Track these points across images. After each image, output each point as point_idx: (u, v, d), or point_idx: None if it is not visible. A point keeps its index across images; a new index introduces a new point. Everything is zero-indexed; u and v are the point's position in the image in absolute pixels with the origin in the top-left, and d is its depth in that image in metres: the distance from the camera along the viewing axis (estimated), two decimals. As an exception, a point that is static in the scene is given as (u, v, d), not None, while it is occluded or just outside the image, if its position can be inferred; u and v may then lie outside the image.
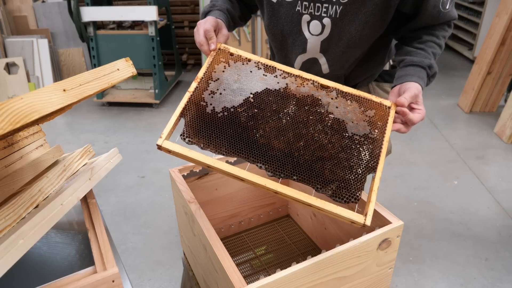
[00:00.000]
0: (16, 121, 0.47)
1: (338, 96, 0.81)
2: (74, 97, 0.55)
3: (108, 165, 0.83)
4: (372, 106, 0.82)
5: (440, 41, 0.95)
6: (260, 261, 1.12)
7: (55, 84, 0.53)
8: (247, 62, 0.84)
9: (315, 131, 0.75)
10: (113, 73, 0.64)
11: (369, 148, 0.75)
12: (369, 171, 0.73)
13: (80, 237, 0.84)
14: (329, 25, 0.92)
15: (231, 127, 0.75)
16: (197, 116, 0.76)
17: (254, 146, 0.73)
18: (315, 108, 0.78)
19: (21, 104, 0.48)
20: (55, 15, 3.78)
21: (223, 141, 0.74)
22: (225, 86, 0.79)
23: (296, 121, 0.76)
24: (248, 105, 0.77)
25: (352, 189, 0.70)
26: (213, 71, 0.82)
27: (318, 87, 0.83)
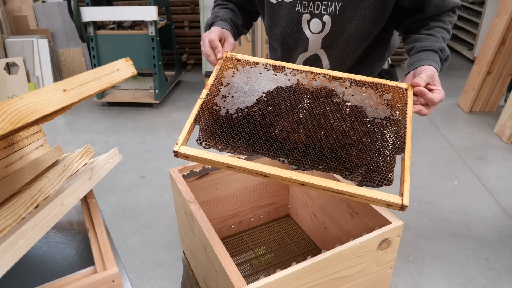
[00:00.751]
0: (16, 121, 0.47)
1: (352, 85, 0.80)
2: (74, 97, 0.55)
3: (108, 165, 0.83)
4: (388, 90, 0.80)
5: (448, 26, 0.93)
6: (260, 261, 1.12)
7: (55, 84, 0.53)
8: (255, 65, 0.84)
9: (334, 120, 0.74)
10: (113, 73, 0.64)
11: (393, 130, 0.73)
12: (398, 152, 0.70)
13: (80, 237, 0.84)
14: (329, 22, 0.93)
15: (247, 126, 0.74)
16: (212, 119, 0.77)
17: (274, 141, 0.72)
18: (330, 99, 0.77)
19: (21, 104, 0.48)
20: (55, 15, 3.78)
21: (240, 140, 0.74)
22: (236, 89, 0.80)
23: (313, 113, 0.75)
24: (262, 104, 0.77)
25: (383, 171, 0.68)
26: (223, 77, 0.82)
27: (330, 79, 0.81)
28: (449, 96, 3.57)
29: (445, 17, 0.94)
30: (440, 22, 0.93)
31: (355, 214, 0.92)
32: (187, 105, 3.52)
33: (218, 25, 0.97)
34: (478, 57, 3.14)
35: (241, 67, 0.84)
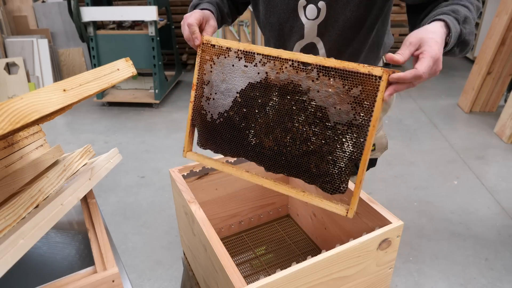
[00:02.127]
0: (16, 121, 0.47)
1: (319, 75, 0.73)
2: (74, 97, 0.56)
3: (108, 165, 0.83)
4: (358, 80, 0.69)
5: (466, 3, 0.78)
6: (260, 261, 1.12)
7: (55, 84, 0.53)
8: (228, 54, 0.82)
9: (299, 123, 0.75)
10: (113, 73, 0.64)
11: (353, 138, 0.71)
12: (353, 162, 0.72)
13: (80, 237, 0.84)
14: (324, 8, 0.93)
15: (228, 131, 0.84)
16: (203, 125, 0.87)
17: (249, 147, 0.82)
18: (296, 96, 0.75)
19: (21, 104, 0.48)
20: (55, 15, 3.78)
21: (225, 145, 0.85)
22: (216, 89, 0.84)
23: (281, 113, 0.77)
24: (237, 106, 0.82)
25: (336, 183, 0.73)
26: (204, 73, 0.86)
27: (298, 68, 0.75)
28: (449, 96, 3.57)
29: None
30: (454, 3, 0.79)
31: (355, 214, 0.92)
32: (187, 105, 3.52)
33: (202, 7, 0.95)
34: (478, 57, 3.14)
35: (216, 58, 0.84)
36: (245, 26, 3.26)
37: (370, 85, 0.68)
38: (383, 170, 2.47)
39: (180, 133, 3.01)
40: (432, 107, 3.36)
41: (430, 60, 0.65)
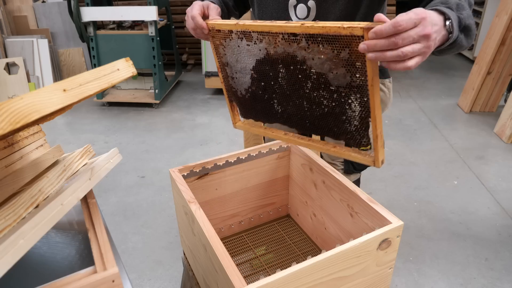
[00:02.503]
0: (16, 121, 0.47)
1: (309, 44, 0.72)
2: (74, 97, 0.55)
3: (108, 165, 0.83)
4: (344, 43, 0.67)
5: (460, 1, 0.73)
6: (260, 261, 1.12)
7: (55, 84, 0.53)
8: (231, 37, 0.85)
9: (309, 89, 0.78)
10: (113, 73, 0.64)
11: (357, 98, 0.71)
12: (366, 119, 0.72)
13: (80, 237, 0.84)
14: (314, 7, 0.94)
15: (257, 103, 0.92)
16: (237, 100, 0.97)
17: (278, 115, 0.90)
18: (297, 65, 0.76)
19: (21, 104, 0.48)
20: (55, 15, 3.78)
21: (260, 115, 0.94)
22: (234, 69, 0.91)
23: (291, 82, 0.81)
24: (256, 82, 0.88)
25: (357, 139, 0.77)
26: (221, 57, 0.92)
27: (289, 40, 0.75)
28: (449, 96, 3.57)
29: None
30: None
31: (355, 214, 0.92)
32: (187, 105, 3.52)
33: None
34: (478, 57, 3.14)
35: (224, 41, 0.88)
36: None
37: (355, 46, 0.65)
38: (383, 170, 2.47)
39: (180, 133, 3.01)
40: (432, 107, 3.36)
41: (412, 14, 0.59)
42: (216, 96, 3.70)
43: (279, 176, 1.21)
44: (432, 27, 0.61)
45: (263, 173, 1.18)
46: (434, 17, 0.63)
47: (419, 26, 0.59)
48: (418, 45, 0.60)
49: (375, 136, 0.72)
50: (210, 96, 3.71)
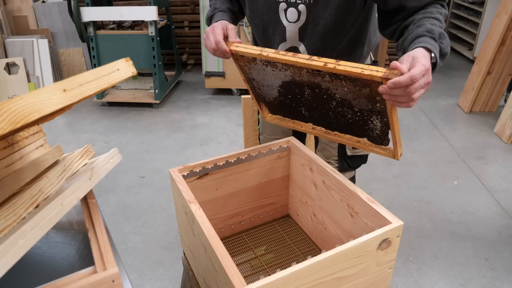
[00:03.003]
0: (16, 121, 0.47)
1: (332, 79, 0.81)
2: (74, 97, 0.55)
3: (108, 165, 0.83)
4: (365, 83, 0.76)
5: (436, 15, 0.85)
6: (260, 261, 1.12)
7: (55, 84, 0.53)
8: (255, 62, 0.92)
9: (334, 106, 0.88)
10: (113, 73, 0.64)
11: (378, 118, 0.83)
12: (384, 133, 0.85)
13: (80, 237, 0.84)
14: (304, 11, 0.95)
15: (286, 109, 1.01)
16: (266, 103, 1.06)
17: (306, 117, 1.00)
18: (322, 91, 0.86)
19: (21, 104, 0.48)
20: (55, 15, 3.78)
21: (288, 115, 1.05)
22: (261, 84, 0.98)
23: (317, 99, 0.90)
24: (283, 95, 0.97)
25: (378, 141, 0.88)
26: (246, 73, 0.98)
27: (313, 73, 0.83)
28: (449, 96, 3.57)
29: (431, 8, 0.87)
30: (427, 13, 0.85)
31: (355, 214, 0.92)
32: (187, 105, 3.52)
33: (217, 17, 1.03)
34: (478, 57, 3.14)
35: (249, 64, 0.95)
36: (245, 26, 3.26)
37: (375, 87, 0.75)
38: (383, 170, 2.47)
39: (180, 133, 3.01)
40: (432, 107, 3.36)
41: (422, 66, 0.70)
42: (216, 96, 3.70)
43: (279, 176, 1.21)
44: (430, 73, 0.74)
45: (263, 173, 1.18)
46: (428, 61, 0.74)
47: (425, 76, 0.71)
48: (423, 90, 0.73)
49: (394, 142, 0.84)
50: (210, 96, 3.71)
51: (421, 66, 0.70)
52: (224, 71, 3.48)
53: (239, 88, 3.63)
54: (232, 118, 3.24)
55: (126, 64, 0.67)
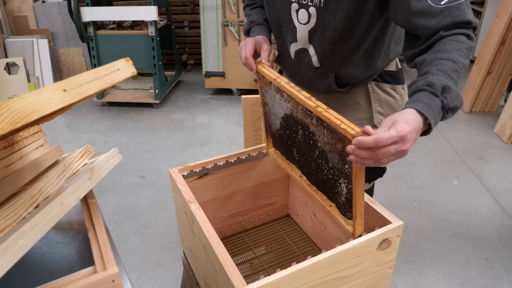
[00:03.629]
0: (16, 121, 0.47)
1: (317, 124, 0.81)
2: (74, 97, 0.55)
3: (108, 165, 0.83)
4: (340, 137, 0.74)
5: (452, 55, 0.73)
6: (260, 261, 1.12)
7: (55, 84, 0.53)
8: (271, 86, 0.97)
9: (316, 156, 0.88)
10: (113, 73, 0.64)
11: (344, 182, 0.80)
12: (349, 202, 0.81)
13: (80, 237, 0.84)
14: (314, 14, 0.94)
15: (284, 144, 1.04)
16: (271, 133, 1.09)
17: (295, 160, 1.01)
18: (310, 135, 0.87)
19: (21, 104, 0.48)
20: (55, 15, 3.78)
21: (284, 153, 1.06)
22: (270, 110, 1.03)
23: (306, 143, 0.91)
24: (283, 128, 1.00)
25: (343, 211, 0.85)
26: (263, 95, 1.04)
27: (306, 112, 0.85)
28: (449, 96, 3.57)
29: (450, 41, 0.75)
30: (441, 52, 0.75)
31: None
32: (187, 105, 3.52)
33: (254, 33, 1.07)
34: (478, 57, 3.14)
35: (266, 86, 1.00)
36: (245, 26, 3.28)
37: (347, 144, 0.71)
38: (383, 170, 2.47)
39: (180, 133, 3.01)
40: (432, 107, 3.36)
41: (394, 132, 0.64)
42: (216, 96, 3.70)
43: (279, 176, 1.21)
44: (410, 142, 0.66)
45: (263, 173, 1.18)
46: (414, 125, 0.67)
47: (397, 143, 0.64)
48: (394, 156, 0.66)
49: (355, 217, 0.80)
50: (210, 96, 3.71)
51: (394, 132, 0.64)
52: (224, 71, 3.48)
53: (239, 88, 3.63)
54: (232, 118, 3.24)
55: (126, 64, 0.67)
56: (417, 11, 0.79)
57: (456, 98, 0.71)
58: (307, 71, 1.07)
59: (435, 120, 0.69)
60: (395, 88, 1.11)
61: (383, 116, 1.10)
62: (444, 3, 0.77)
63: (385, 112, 1.10)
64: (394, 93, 1.11)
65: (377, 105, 1.10)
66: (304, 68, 1.07)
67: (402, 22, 0.84)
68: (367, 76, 1.06)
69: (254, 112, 1.82)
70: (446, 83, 0.70)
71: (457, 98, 0.71)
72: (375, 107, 1.10)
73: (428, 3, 0.78)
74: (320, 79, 1.06)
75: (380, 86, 1.09)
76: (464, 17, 0.76)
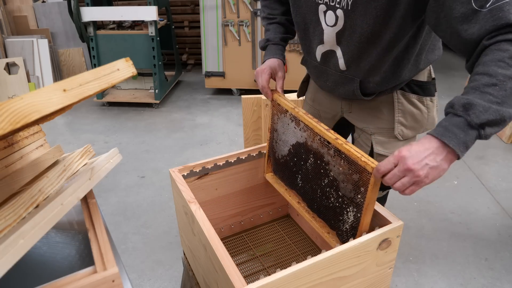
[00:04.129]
0: (16, 121, 0.47)
1: (335, 154, 0.88)
2: (74, 97, 0.55)
3: (108, 165, 0.83)
4: (358, 169, 0.80)
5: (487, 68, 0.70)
6: (260, 261, 1.12)
7: (55, 84, 0.53)
8: (286, 114, 1.03)
9: (324, 184, 0.93)
10: (113, 73, 0.64)
11: (353, 210, 0.85)
12: (353, 230, 0.85)
13: (80, 237, 0.84)
14: (342, 17, 0.91)
15: (286, 170, 1.07)
16: (274, 159, 1.13)
17: (298, 187, 1.05)
18: (322, 164, 0.93)
19: (21, 104, 0.48)
20: (55, 15, 3.78)
21: (285, 178, 1.10)
22: (280, 137, 1.08)
23: (315, 171, 0.96)
24: (291, 155, 1.04)
25: (345, 238, 0.89)
26: (274, 122, 1.09)
27: (323, 143, 0.91)
28: (449, 96, 3.56)
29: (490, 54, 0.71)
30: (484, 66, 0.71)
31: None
32: (187, 105, 3.52)
33: (270, 51, 1.11)
34: (478, 57, 3.13)
35: (280, 114, 1.06)
36: (245, 26, 3.26)
37: (365, 176, 0.79)
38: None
39: (180, 133, 3.01)
40: (432, 107, 3.36)
41: (390, 156, 0.72)
42: (216, 96, 3.70)
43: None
44: (413, 160, 0.70)
45: (263, 173, 1.18)
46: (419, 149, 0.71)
47: (399, 165, 0.71)
48: (406, 178, 0.71)
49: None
50: (210, 96, 3.71)
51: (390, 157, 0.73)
52: (224, 71, 3.48)
53: (239, 88, 3.63)
54: (232, 118, 3.24)
55: (126, 64, 0.67)
56: (459, 16, 0.73)
57: (485, 111, 0.67)
58: (333, 74, 1.03)
59: (457, 140, 0.69)
60: (422, 100, 1.05)
61: (405, 127, 1.06)
62: (489, 5, 0.70)
63: (408, 123, 1.06)
64: (421, 105, 1.05)
65: (400, 116, 1.05)
66: (330, 71, 1.04)
67: (443, 28, 0.78)
68: (393, 85, 1.01)
69: (254, 112, 1.82)
70: (467, 100, 0.69)
71: (488, 111, 0.67)
72: (398, 118, 1.05)
73: (472, 6, 0.71)
74: (345, 84, 1.03)
75: (406, 96, 1.04)
76: (508, 19, 0.69)
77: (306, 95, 1.29)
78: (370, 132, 1.09)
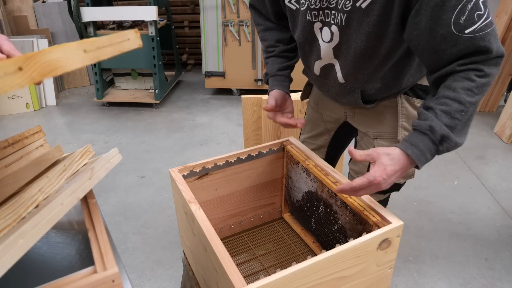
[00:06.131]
0: (44, 73, 0.49)
1: (341, 205, 0.93)
2: (92, 59, 0.58)
3: (108, 165, 0.83)
4: (361, 220, 0.87)
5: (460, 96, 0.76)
6: (260, 261, 1.12)
7: (77, 43, 0.56)
8: (297, 165, 1.10)
9: (335, 230, 0.99)
10: (124, 42, 0.67)
11: None
12: None
13: (80, 237, 0.84)
14: (337, 33, 0.92)
15: (302, 212, 1.15)
16: (290, 202, 1.22)
17: (312, 229, 1.13)
18: (332, 212, 0.99)
19: (50, 57, 0.50)
20: (55, 15, 3.78)
21: (301, 220, 1.19)
22: (294, 184, 1.15)
23: (325, 218, 1.02)
24: (304, 200, 1.12)
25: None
26: (288, 169, 1.17)
27: (331, 194, 0.97)
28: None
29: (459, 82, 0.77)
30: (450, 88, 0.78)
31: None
32: (187, 105, 3.52)
33: (273, 84, 1.11)
34: (478, 57, 3.14)
35: (293, 163, 1.12)
36: (245, 26, 3.26)
37: (368, 228, 0.85)
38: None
39: (180, 133, 3.01)
40: (432, 107, 3.36)
41: (364, 180, 0.78)
42: (216, 96, 3.70)
43: (279, 176, 1.21)
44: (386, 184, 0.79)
45: (263, 173, 1.18)
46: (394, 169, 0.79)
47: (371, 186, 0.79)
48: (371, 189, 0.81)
49: None
50: (210, 96, 3.71)
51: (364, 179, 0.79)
52: (224, 71, 3.48)
53: (239, 88, 3.63)
54: (232, 118, 3.24)
55: (135, 35, 0.70)
56: (438, 36, 0.76)
57: (452, 147, 0.79)
58: (333, 86, 1.04)
59: (423, 164, 0.80)
60: None
61: (408, 132, 1.05)
62: (469, 32, 0.73)
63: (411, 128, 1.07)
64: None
65: (404, 121, 1.05)
66: (330, 83, 1.05)
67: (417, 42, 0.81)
68: (396, 91, 1.01)
69: (254, 112, 1.82)
70: (447, 133, 0.77)
71: (453, 147, 0.79)
72: (402, 122, 1.05)
73: (451, 30, 0.74)
74: (346, 95, 1.04)
75: (410, 101, 1.04)
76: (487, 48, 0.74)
77: (310, 98, 1.30)
78: (373, 136, 1.10)
